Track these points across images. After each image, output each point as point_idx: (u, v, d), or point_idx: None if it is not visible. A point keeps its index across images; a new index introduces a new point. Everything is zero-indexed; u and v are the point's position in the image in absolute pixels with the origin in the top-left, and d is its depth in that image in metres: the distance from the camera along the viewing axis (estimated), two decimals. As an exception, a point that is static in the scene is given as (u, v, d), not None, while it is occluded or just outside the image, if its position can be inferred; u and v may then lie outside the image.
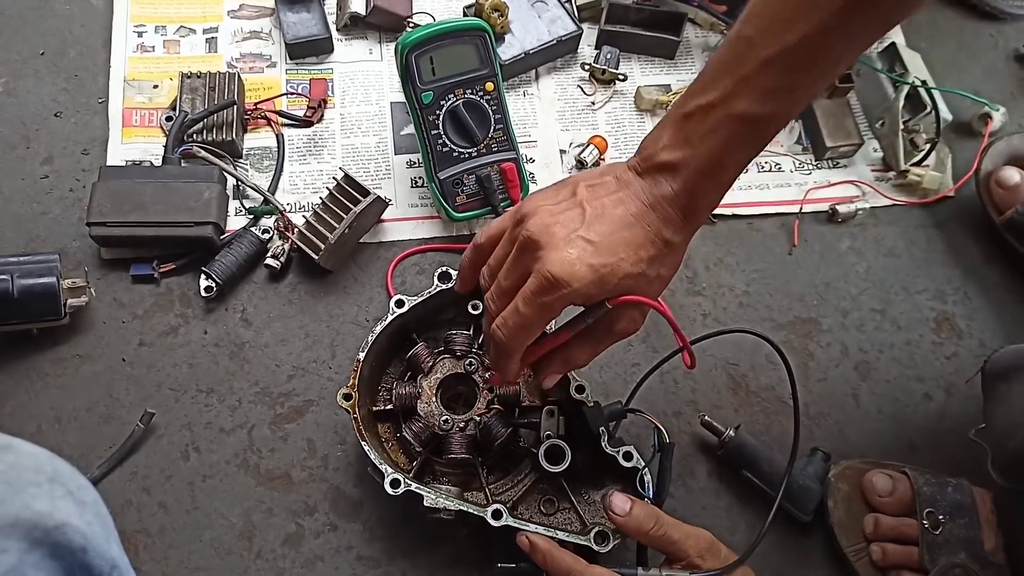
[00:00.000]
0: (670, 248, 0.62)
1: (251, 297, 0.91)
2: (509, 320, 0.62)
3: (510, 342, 0.63)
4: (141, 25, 1.03)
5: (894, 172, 1.02)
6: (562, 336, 0.66)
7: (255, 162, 0.97)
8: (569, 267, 0.58)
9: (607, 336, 0.65)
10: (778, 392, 0.90)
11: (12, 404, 0.84)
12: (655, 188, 0.61)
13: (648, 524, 0.70)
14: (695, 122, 0.60)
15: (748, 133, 0.60)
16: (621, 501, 0.70)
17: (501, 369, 0.67)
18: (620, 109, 1.04)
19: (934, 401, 0.91)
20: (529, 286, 0.60)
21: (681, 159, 0.60)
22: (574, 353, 0.67)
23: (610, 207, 0.61)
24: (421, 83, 0.87)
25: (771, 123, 0.60)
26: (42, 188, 0.93)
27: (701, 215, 0.62)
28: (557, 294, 0.59)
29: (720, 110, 0.59)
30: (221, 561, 0.80)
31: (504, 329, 0.62)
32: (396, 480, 0.72)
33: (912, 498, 0.80)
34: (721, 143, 0.59)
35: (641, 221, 0.60)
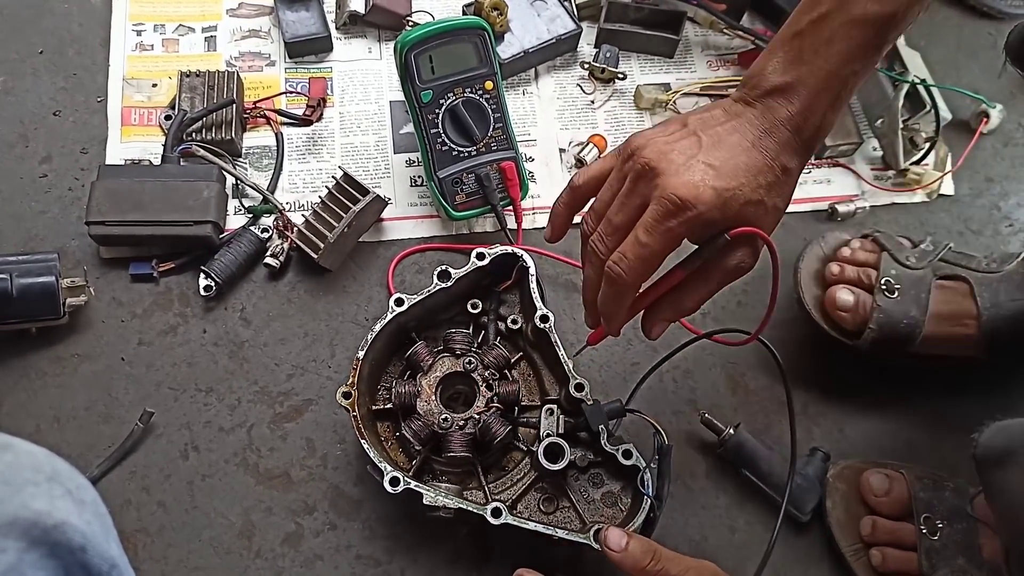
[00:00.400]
0: (787, 175, 0.61)
1: (250, 296, 0.90)
2: (629, 252, 0.60)
3: (629, 276, 0.60)
4: (140, 24, 1.03)
5: (893, 171, 1.02)
6: (676, 276, 0.64)
7: (254, 161, 0.96)
8: (694, 188, 0.57)
9: (721, 275, 0.63)
10: (777, 392, 0.90)
11: (11, 403, 0.84)
12: (769, 113, 0.60)
13: (644, 560, 0.67)
14: (808, 38, 0.59)
15: (867, 38, 0.59)
16: (617, 537, 0.69)
17: (613, 313, 0.64)
18: (620, 108, 1.04)
19: (933, 401, 0.91)
20: (651, 213, 0.59)
21: (796, 78, 0.59)
22: (686, 296, 0.64)
23: (725, 135, 0.60)
24: (420, 82, 0.87)
25: (891, 24, 0.59)
26: (41, 187, 0.93)
27: (819, 137, 0.62)
28: (683, 217, 0.58)
29: (837, 17, 0.58)
30: (220, 560, 0.80)
31: (623, 264, 0.60)
32: (395, 478, 0.72)
33: (909, 499, 0.81)
34: (839, 54, 0.59)
35: (759, 146, 0.60)
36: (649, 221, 0.59)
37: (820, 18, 0.59)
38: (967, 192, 1.03)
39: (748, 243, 0.61)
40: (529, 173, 0.98)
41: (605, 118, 1.03)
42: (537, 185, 0.98)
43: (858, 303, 0.86)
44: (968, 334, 0.85)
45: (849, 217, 0.99)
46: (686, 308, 0.64)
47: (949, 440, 0.89)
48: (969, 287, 0.85)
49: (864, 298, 0.86)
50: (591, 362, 0.90)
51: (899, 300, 0.85)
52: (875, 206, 1.00)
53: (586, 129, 1.02)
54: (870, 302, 0.85)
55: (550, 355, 0.81)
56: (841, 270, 0.88)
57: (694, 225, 0.58)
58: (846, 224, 0.99)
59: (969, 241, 1.00)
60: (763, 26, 1.08)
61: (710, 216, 0.58)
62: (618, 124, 1.03)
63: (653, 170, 0.59)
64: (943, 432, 0.89)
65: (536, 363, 0.84)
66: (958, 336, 0.85)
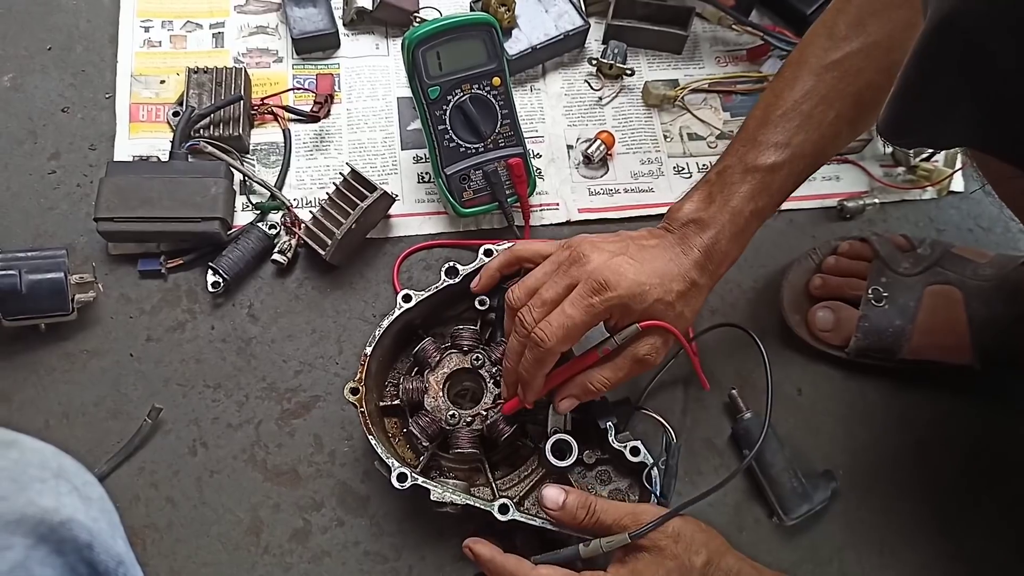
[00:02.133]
0: (696, 289, 0.71)
1: (258, 293, 0.91)
2: (554, 321, 0.67)
3: (552, 341, 0.67)
4: (148, 20, 1.03)
5: (903, 167, 1.01)
6: (590, 356, 0.71)
7: (262, 157, 0.96)
8: (616, 275, 0.67)
9: (629, 362, 0.70)
10: (785, 390, 0.89)
11: (20, 399, 0.84)
12: (685, 239, 0.71)
13: (580, 515, 0.69)
14: (716, 184, 0.72)
15: (763, 182, 0.71)
16: (555, 494, 0.70)
17: (531, 378, 0.70)
18: (627, 104, 1.03)
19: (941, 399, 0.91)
20: (578, 290, 0.68)
21: (707, 215, 0.71)
22: (594, 377, 0.71)
23: (648, 247, 0.71)
24: (428, 78, 0.87)
25: (782, 171, 0.71)
26: (49, 183, 0.94)
27: (725, 262, 0.73)
28: (604, 296, 0.67)
29: (737, 167, 0.72)
30: (229, 556, 0.80)
31: (548, 330, 0.67)
32: (403, 474, 0.72)
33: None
34: (740, 195, 0.71)
35: (674, 260, 0.71)
36: (575, 297, 0.68)
37: (724, 169, 0.73)
38: (977, 189, 1.02)
39: (656, 337, 0.70)
40: (536, 170, 0.97)
41: (613, 115, 1.03)
42: (544, 182, 0.98)
43: (839, 320, 0.87)
44: (958, 343, 0.85)
45: (858, 214, 0.98)
46: (594, 388, 0.71)
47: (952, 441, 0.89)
48: (961, 295, 0.85)
49: (846, 314, 0.87)
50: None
51: (886, 309, 0.85)
52: (884, 203, 1.00)
53: (594, 126, 1.02)
54: (853, 317, 0.86)
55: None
56: (824, 283, 0.89)
57: (613, 306, 0.67)
58: (855, 221, 0.98)
59: (979, 238, 0.99)
60: (771, 22, 1.07)
61: (626, 301, 0.67)
62: (626, 121, 1.02)
63: (585, 257, 0.69)
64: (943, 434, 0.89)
65: (544, 360, 0.83)
66: (947, 345, 0.85)
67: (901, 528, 0.85)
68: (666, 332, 0.69)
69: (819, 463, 0.85)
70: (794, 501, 0.82)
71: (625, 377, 0.71)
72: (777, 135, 0.71)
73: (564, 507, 0.69)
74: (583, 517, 0.69)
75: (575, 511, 0.69)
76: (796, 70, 0.73)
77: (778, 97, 0.73)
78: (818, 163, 0.75)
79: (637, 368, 0.70)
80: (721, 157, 0.75)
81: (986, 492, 0.86)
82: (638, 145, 1.01)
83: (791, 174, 0.72)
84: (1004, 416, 0.89)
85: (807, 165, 0.73)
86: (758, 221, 0.73)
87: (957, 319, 0.84)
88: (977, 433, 0.89)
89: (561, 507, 0.69)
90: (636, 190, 0.98)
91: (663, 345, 0.70)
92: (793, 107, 0.71)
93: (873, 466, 0.87)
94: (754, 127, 0.73)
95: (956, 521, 0.85)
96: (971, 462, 0.87)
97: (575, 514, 0.69)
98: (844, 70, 0.70)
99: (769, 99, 0.74)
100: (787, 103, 0.72)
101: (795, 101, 0.71)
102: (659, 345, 0.70)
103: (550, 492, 0.70)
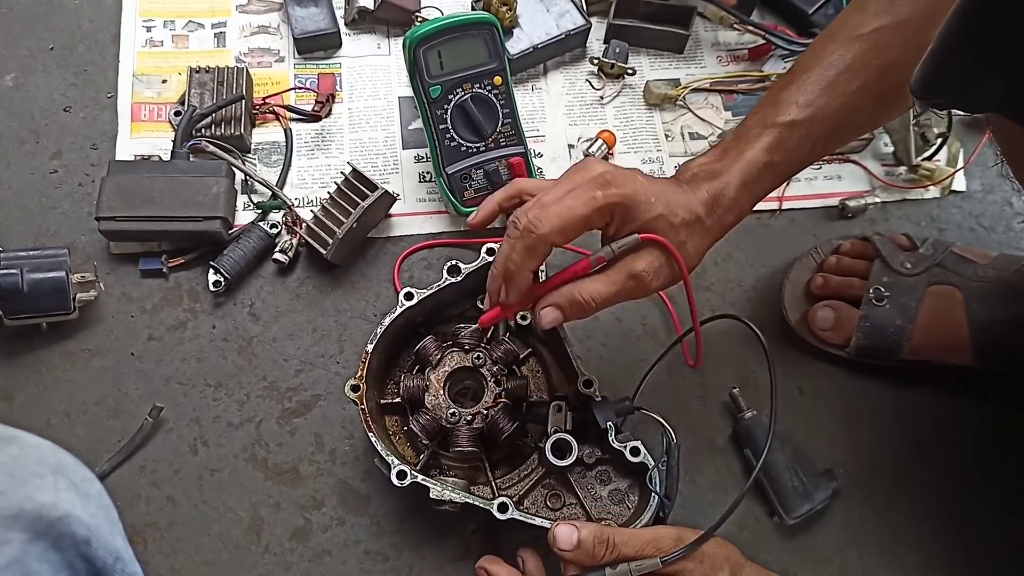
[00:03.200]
0: (700, 225, 0.68)
1: (259, 292, 0.91)
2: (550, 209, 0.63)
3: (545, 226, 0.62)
4: (150, 20, 1.03)
5: (905, 167, 1.01)
6: (580, 264, 0.66)
7: (263, 157, 0.97)
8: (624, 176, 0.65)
9: (623, 277, 0.65)
10: (786, 389, 0.89)
11: (22, 398, 0.84)
12: (695, 183, 0.69)
13: (599, 552, 0.65)
14: (733, 139, 0.71)
15: (783, 137, 0.70)
16: (567, 533, 0.65)
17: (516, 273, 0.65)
18: (629, 104, 1.03)
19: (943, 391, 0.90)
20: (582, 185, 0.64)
21: (720, 166, 0.70)
22: (584, 287, 0.65)
23: (657, 179, 0.69)
24: (429, 77, 0.87)
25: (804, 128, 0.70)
26: (51, 183, 0.94)
27: (732, 210, 0.70)
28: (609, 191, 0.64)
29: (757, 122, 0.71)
30: (229, 555, 0.80)
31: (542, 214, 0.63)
32: (403, 472, 0.72)
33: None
34: (756, 148, 0.70)
35: (683, 193, 0.68)
36: (577, 191, 0.64)
37: (743, 128, 0.72)
38: (979, 188, 1.02)
39: (656, 257, 0.66)
40: (538, 169, 0.97)
41: (614, 114, 1.03)
42: (546, 181, 0.98)
43: (839, 319, 0.87)
44: (958, 344, 0.84)
45: (860, 213, 0.98)
46: (580, 299, 0.65)
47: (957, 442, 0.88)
48: (962, 296, 0.84)
49: (846, 313, 0.87)
50: (600, 359, 0.89)
51: (887, 309, 0.85)
52: (886, 202, 1.00)
53: (595, 125, 1.02)
54: (854, 316, 0.86)
55: (559, 351, 0.80)
56: (825, 282, 0.89)
57: (615, 204, 0.64)
58: (857, 220, 0.98)
59: (981, 238, 0.99)
60: (773, 21, 1.07)
61: (630, 203, 0.64)
62: (627, 120, 1.02)
63: (593, 165, 0.66)
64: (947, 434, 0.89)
65: (545, 359, 0.84)
66: (947, 346, 0.85)
67: (902, 527, 0.84)
68: (667, 253, 0.66)
69: (820, 462, 0.85)
70: (795, 500, 0.81)
71: (616, 295, 0.65)
72: (800, 95, 0.70)
73: (580, 545, 0.65)
74: (603, 553, 0.65)
75: (592, 548, 0.65)
76: (824, 42, 0.73)
77: (804, 65, 0.72)
78: (838, 136, 0.73)
79: (631, 286, 0.65)
80: (741, 123, 0.74)
81: (986, 491, 0.86)
82: (639, 144, 1.01)
83: (809, 135, 0.70)
84: (1004, 416, 0.89)
85: (827, 131, 0.71)
86: (771, 177, 0.71)
87: (958, 320, 0.84)
88: (977, 433, 0.88)
89: (576, 546, 0.65)
90: (637, 189, 0.98)
91: (661, 269, 0.66)
92: (818, 73, 0.71)
93: (874, 465, 0.87)
94: (777, 91, 0.73)
95: (957, 520, 0.85)
96: (971, 462, 0.87)
97: (593, 552, 0.65)
98: (872, 43, 0.69)
99: (795, 68, 0.73)
100: (812, 70, 0.71)
101: (821, 68, 0.71)
102: (657, 266, 0.66)
103: (562, 531, 0.65)
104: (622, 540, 0.66)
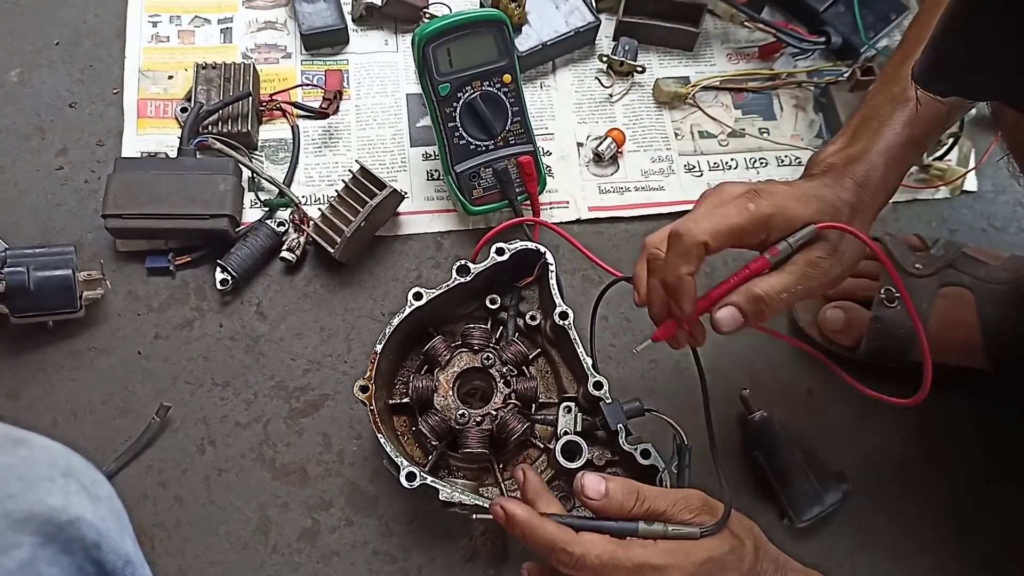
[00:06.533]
0: (855, 213, 0.65)
1: (266, 290, 0.90)
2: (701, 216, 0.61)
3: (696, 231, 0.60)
4: (156, 15, 1.02)
5: (916, 167, 1.00)
6: (758, 262, 0.63)
7: (270, 154, 0.96)
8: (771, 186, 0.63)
9: (802, 267, 0.62)
10: (795, 390, 0.89)
11: (28, 396, 0.84)
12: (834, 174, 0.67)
13: (629, 502, 0.61)
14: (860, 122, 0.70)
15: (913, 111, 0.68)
16: (595, 482, 0.61)
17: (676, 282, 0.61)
18: (638, 101, 1.03)
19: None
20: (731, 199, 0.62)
21: (856, 151, 0.68)
22: (764, 282, 0.61)
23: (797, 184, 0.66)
24: (438, 75, 0.86)
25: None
26: (57, 180, 0.93)
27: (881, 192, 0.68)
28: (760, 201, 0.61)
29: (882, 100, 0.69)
30: (237, 555, 0.80)
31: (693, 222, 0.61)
32: (412, 473, 0.72)
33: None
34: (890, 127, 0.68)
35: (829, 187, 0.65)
36: (725, 202, 0.62)
37: (868, 109, 0.70)
38: (991, 188, 1.01)
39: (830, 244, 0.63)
40: (546, 167, 0.97)
41: (623, 112, 1.02)
42: (555, 179, 0.97)
43: (850, 321, 0.86)
44: (970, 346, 0.84)
45: (871, 213, 0.97)
46: (761, 294, 0.61)
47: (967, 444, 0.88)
48: (974, 298, 0.84)
49: (857, 314, 0.86)
50: (609, 360, 0.89)
51: (898, 311, 0.84)
52: (897, 202, 0.99)
53: (604, 123, 1.01)
54: (865, 318, 0.85)
55: (569, 352, 0.80)
56: None
57: (770, 214, 0.61)
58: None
59: (993, 239, 0.98)
60: (784, 18, 1.06)
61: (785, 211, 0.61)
62: (636, 118, 1.01)
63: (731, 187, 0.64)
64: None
65: (554, 360, 0.83)
66: (959, 348, 0.84)
67: (913, 531, 0.84)
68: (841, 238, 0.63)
69: (830, 464, 0.85)
70: (806, 503, 0.81)
71: (796, 287, 0.62)
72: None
73: (608, 495, 0.61)
74: (632, 504, 0.61)
75: (621, 498, 0.61)
76: (934, 7, 0.70)
77: (916, 37, 0.71)
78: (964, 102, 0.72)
79: (812, 274, 0.62)
80: (861, 105, 0.72)
81: (998, 495, 0.85)
82: (648, 143, 1.00)
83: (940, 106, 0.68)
84: (1016, 420, 0.88)
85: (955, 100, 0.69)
86: (915, 151, 0.70)
87: (970, 322, 0.84)
88: (989, 436, 0.88)
89: (605, 495, 0.61)
90: (647, 188, 0.98)
91: (844, 256, 0.63)
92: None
93: (884, 468, 0.86)
94: (895, 67, 0.71)
95: (968, 524, 0.84)
96: (983, 465, 0.87)
97: (622, 502, 0.61)
98: None
99: (906, 43, 0.72)
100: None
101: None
102: (837, 251, 0.63)
103: (590, 481, 0.62)
104: (652, 494, 0.63)
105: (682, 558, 0.59)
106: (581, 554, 0.58)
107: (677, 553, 0.59)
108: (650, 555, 0.58)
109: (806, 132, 1.02)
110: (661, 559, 0.58)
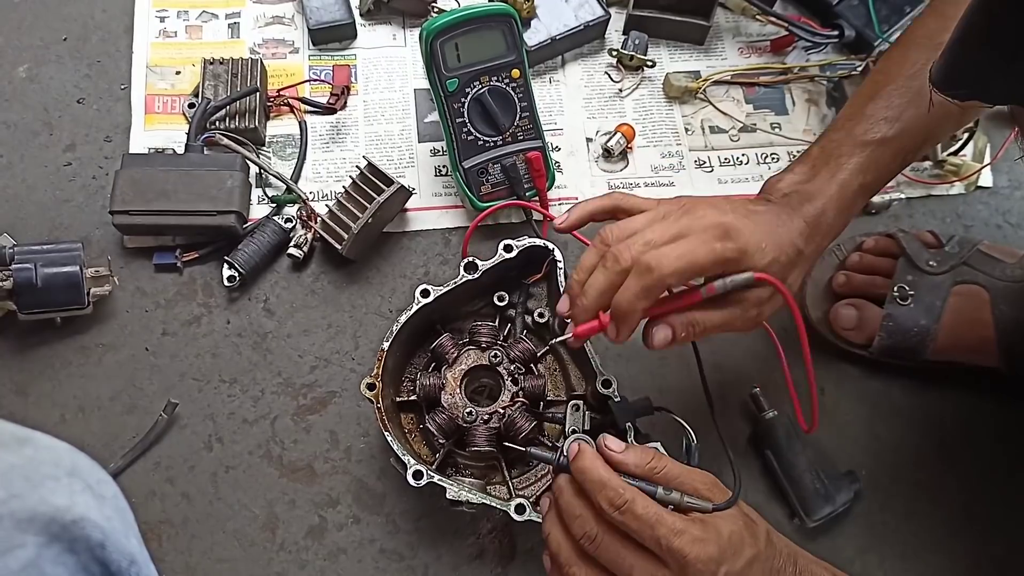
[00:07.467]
0: (801, 258, 0.68)
1: (274, 287, 0.90)
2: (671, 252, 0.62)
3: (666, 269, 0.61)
4: (163, 10, 1.02)
5: (930, 162, 0.99)
6: (690, 297, 0.65)
7: (278, 150, 0.96)
8: (735, 229, 0.63)
9: (737, 309, 0.65)
10: (805, 391, 0.88)
11: (36, 393, 0.84)
12: (790, 208, 0.69)
13: (646, 458, 0.64)
14: (821, 157, 0.71)
15: (874, 156, 0.70)
16: (615, 443, 0.65)
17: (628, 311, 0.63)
18: (648, 96, 1.02)
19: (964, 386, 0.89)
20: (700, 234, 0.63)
21: (812, 187, 0.70)
22: (698, 316, 0.65)
23: (755, 212, 0.68)
24: (446, 70, 0.86)
25: (896, 144, 0.70)
26: (65, 176, 0.93)
27: (830, 235, 0.70)
28: (727, 244, 0.63)
29: (846, 140, 0.71)
30: (244, 552, 0.80)
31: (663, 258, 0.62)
32: (419, 471, 0.71)
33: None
34: (847, 169, 0.70)
35: (783, 226, 0.67)
36: (697, 240, 0.63)
37: (829, 143, 0.72)
38: (1006, 184, 1.00)
39: (764, 293, 0.65)
40: (555, 163, 0.96)
41: (633, 107, 1.01)
42: (563, 175, 0.96)
43: (862, 318, 0.85)
44: (984, 345, 0.83)
45: (884, 209, 0.96)
46: (695, 326, 0.65)
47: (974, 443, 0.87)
48: (988, 296, 0.83)
49: (869, 312, 0.85)
50: (618, 357, 0.88)
51: (911, 308, 0.83)
52: (911, 198, 0.98)
53: (614, 118, 1.00)
54: (877, 316, 0.84)
55: (577, 350, 0.79)
56: (848, 280, 0.87)
57: (730, 259, 0.63)
58: (880, 216, 0.97)
59: (1008, 235, 0.97)
60: (796, 12, 1.05)
61: (744, 257, 0.63)
62: (646, 113, 1.01)
63: (699, 210, 0.65)
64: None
65: (563, 358, 0.82)
66: (973, 347, 0.84)
67: (924, 531, 0.83)
68: (774, 292, 0.65)
69: (841, 464, 0.84)
70: (816, 502, 0.80)
71: (725, 325, 0.66)
72: (887, 109, 0.70)
73: (627, 452, 0.64)
74: (649, 458, 0.64)
75: (640, 455, 0.64)
76: (905, 49, 0.73)
77: (887, 74, 0.72)
78: (925, 145, 0.73)
79: (740, 318, 0.66)
80: (823, 134, 0.74)
81: (1012, 496, 0.84)
82: (658, 138, 0.99)
83: (900, 151, 0.71)
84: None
85: (915, 144, 0.72)
86: (864, 197, 0.72)
87: (984, 320, 0.82)
88: (1003, 436, 0.87)
89: (625, 450, 0.64)
90: (656, 184, 0.97)
91: (767, 305, 0.67)
92: (904, 82, 0.71)
93: (896, 468, 0.85)
94: (861, 102, 0.73)
95: (981, 525, 0.84)
96: (996, 465, 0.86)
97: (640, 458, 0.64)
98: None
99: (877, 76, 0.74)
100: (897, 79, 0.71)
101: (905, 77, 0.71)
102: (765, 301, 0.66)
103: (611, 439, 0.65)
104: (668, 462, 0.65)
105: (713, 533, 0.61)
106: (630, 499, 0.60)
107: (709, 527, 0.61)
108: (689, 525, 0.60)
109: (818, 127, 1.01)
110: (699, 531, 0.60)
